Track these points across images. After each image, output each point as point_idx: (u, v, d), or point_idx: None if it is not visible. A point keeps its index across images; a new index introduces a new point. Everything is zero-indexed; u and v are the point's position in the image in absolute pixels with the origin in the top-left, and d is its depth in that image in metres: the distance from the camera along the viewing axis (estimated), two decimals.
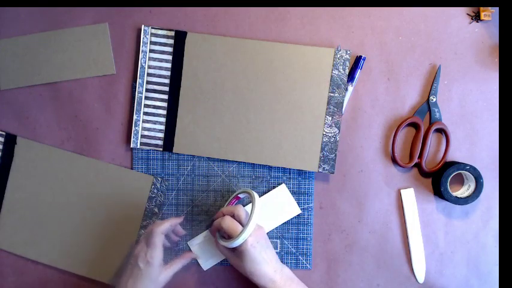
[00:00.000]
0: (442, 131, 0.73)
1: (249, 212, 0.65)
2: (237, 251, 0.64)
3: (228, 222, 0.63)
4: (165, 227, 0.66)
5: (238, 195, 0.70)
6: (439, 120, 0.72)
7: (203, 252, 0.73)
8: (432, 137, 0.73)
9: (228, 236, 0.64)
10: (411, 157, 0.73)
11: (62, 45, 0.73)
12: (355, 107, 0.73)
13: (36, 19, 0.73)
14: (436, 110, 0.72)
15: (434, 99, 0.72)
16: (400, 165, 0.72)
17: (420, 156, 0.72)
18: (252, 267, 0.63)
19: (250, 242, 0.62)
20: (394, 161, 0.73)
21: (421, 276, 0.73)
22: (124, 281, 0.65)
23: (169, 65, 0.72)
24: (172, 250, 0.74)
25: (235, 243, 0.62)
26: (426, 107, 0.72)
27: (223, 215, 0.66)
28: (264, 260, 0.63)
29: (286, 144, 0.72)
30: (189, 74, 0.72)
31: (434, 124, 0.72)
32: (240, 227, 0.63)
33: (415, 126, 0.73)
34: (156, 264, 0.64)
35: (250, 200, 0.71)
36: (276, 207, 0.73)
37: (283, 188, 0.73)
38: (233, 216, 0.65)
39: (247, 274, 0.64)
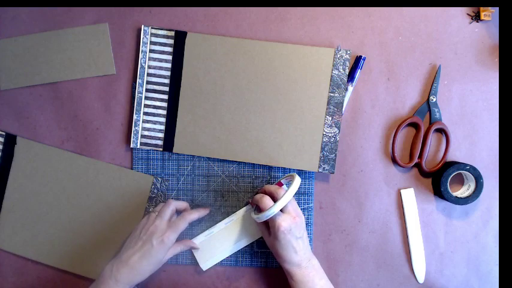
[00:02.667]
0: (442, 131, 0.73)
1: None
2: (271, 230, 0.66)
3: (266, 202, 0.64)
4: (194, 217, 0.68)
5: (281, 181, 0.70)
6: (439, 120, 0.72)
7: (203, 252, 0.73)
8: (432, 137, 0.73)
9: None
10: (411, 157, 0.73)
11: (62, 45, 0.73)
12: (355, 107, 0.73)
13: (36, 19, 0.73)
14: (436, 110, 0.72)
15: (434, 99, 0.72)
16: (400, 165, 0.72)
17: (420, 156, 0.72)
18: (279, 251, 0.65)
19: (282, 228, 0.63)
20: (394, 161, 0.73)
21: (421, 276, 0.73)
22: (129, 253, 0.65)
23: (169, 65, 0.72)
24: None
25: (261, 217, 0.63)
26: (426, 107, 0.72)
27: (265, 192, 0.67)
28: (292, 249, 0.64)
29: (286, 144, 0.72)
30: (189, 74, 0.72)
31: (434, 124, 0.72)
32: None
33: (415, 126, 0.73)
34: (169, 246, 0.66)
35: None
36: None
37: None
38: (272, 197, 0.66)
39: (274, 254, 0.67)
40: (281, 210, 0.65)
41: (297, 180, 0.65)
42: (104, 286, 0.63)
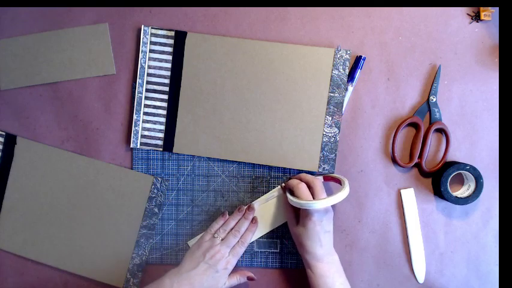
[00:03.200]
0: (442, 131, 0.73)
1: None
2: (301, 219, 0.66)
3: (303, 189, 0.65)
4: (250, 239, 0.70)
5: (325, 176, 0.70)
6: (439, 120, 0.72)
7: None
8: (432, 137, 0.73)
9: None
10: (411, 157, 0.73)
11: (62, 45, 0.73)
12: (355, 107, 0.73)
13: (36, 19, 0.73)
14: (436, 110, 0.72)
15: (434, 99, 0.72)
16: (400, 165, 0.72)
17: (420, 156, 0.72)
18: (304, 241, 0.65)
19: (315, 218, 0.64)
20: (394, 161, 0.73)
21: (421, 276, 0.73)
22: (192, 274, 0.65)
23: (169, 65, 0.72)
24: (172, 250, 0.74)
25: (302, 204, 0.63)
26: (426, 107, 0.72)
27: (300, 180, 0.67)
28: (318, 241, 0.65)
29: (286, 144, 0.72)
30: (189, 74, 0.72)
31: (434, 124, 0.72)
32: (310, 197, 0.65)
33: (415, 126, 0.73)
34: (229, 272, 0.67)
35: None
36: (276, 207, 0.73)
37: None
38: (308, 186, 0.66)
39: (298, 243, 0.68)
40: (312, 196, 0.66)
41: (347, 186, 0.65)
42: None
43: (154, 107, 0.73)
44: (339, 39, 0.73)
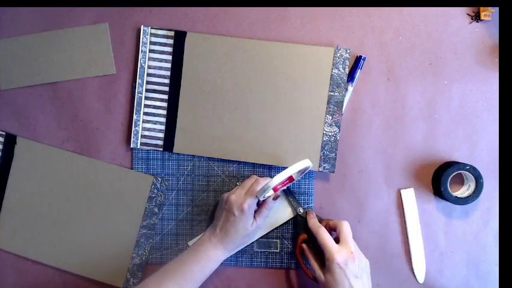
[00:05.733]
0: None
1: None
2: (326, 265, 0.63)
3: (325, 236, 0.65)
4: (264, 182, 0.67)
5: (292, 176, 0.69)
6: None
7: None
8: (432, 137, 0.73)
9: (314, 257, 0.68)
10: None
11: (62, 45, 0.73)
12: (355, 107, 0.73)
13: (36, 19, 0.73)
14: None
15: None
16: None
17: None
18: (330, 287, 0.62)
19: (337, 260, 0.61)
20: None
21: (421, 276, 0.73)
22: (218, 223, 0.67)
23: (169, 65, 0.72)
24: (172, 250, 0.74)
25: (267, 185, 0.63)
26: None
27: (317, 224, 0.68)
28: (345, 286, 0.61)
29: (286, 144, 0.72)
30: (189, 74, 0.72)
31: None
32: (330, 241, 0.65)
33: None
34: (250, 213, 0.66)
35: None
36: (277, 207, 0.73)
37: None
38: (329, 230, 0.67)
39: None
40: (337, 242, 0.64)
41: (306, 160, 0.64)
42: (203, 249, 0.66)
43: (154, 107, 0.73)
44: (339, 39, 0.73)
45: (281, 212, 0.73)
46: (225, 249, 0.67)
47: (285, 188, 0.71)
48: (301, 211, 0.72)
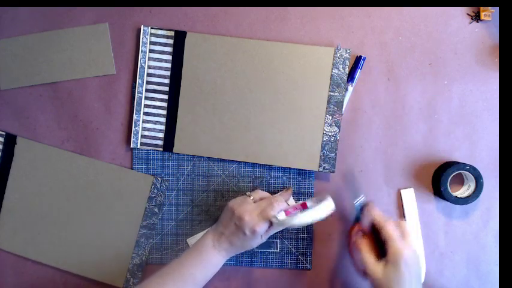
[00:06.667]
0: None
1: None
2: (388, 259, 0.59)
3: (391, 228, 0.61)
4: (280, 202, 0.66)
5: (306, 202, 0.67)
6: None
7: None
8: (432, 137, 0.73)
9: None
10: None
11: (62, 45, 0.73)
12: (355, 107, 0.73)
13: (36, 19, 0.73)
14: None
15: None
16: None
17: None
18: (389, 283, 0.58)
19: (406, 256, 0.58)
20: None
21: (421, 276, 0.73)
22: (224, 231, 0.65)
23: (169, 65, 0.72)
24: (172, 250, 0.74)
25: (288, 221, 0.62)
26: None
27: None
28: (411, 283, 0.58)
29: (286, 144, 0.72)
30: (189, 74, 0.72)
31: None
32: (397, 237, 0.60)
33: None
34: (260, 236, 0.65)
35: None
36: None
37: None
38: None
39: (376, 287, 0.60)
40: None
41: (329, 202, 0.63)
42: (206, 253, 0.65)
43: (154, 107, 0.73)
44: (339, 39, 0.73)
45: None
46: (228, 256, 0.67)
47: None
48: (359, 202, 0.68)
